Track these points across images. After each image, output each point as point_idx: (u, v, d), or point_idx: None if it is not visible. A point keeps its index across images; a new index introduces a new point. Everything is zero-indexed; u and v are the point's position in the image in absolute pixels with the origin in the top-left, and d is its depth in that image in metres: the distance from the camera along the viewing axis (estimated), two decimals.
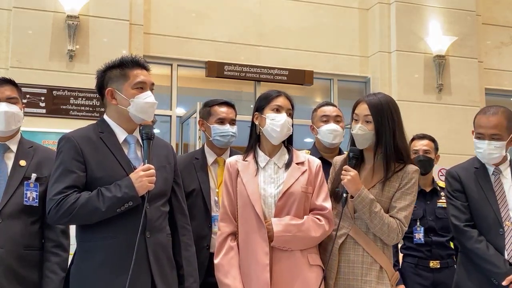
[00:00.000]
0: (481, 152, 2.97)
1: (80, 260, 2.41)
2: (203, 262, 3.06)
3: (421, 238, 3.83)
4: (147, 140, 2.44)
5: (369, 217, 2.58)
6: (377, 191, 2.65)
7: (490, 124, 2.92)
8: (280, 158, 2.76)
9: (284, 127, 2.70)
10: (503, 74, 7.48)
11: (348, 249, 2.65)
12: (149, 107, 2.50)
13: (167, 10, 6.42)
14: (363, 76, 7.06)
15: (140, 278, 2.34)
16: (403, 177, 2.66)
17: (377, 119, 2.66)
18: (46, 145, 3.91)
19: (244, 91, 6.99)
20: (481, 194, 2.96)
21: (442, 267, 3.81)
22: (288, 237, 2.58)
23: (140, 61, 2.55)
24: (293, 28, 6.82)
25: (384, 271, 2.62)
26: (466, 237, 2.92)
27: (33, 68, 5.59)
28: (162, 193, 2.50)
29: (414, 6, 6.90)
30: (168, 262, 2.48)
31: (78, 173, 2.37)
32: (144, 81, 2.51)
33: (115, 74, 2.51)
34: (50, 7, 5.70)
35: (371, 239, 2.63)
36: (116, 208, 2.32)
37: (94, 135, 2.47)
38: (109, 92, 2.50)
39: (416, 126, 6.02)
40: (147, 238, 2.39)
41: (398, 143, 2.67)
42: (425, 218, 3.87)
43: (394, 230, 2.58)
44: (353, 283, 2.60)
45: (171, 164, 2.61)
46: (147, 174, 2.35)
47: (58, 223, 2.49)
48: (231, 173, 2.74)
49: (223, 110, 3.35)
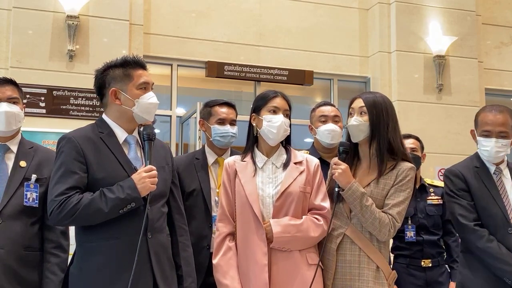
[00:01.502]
0: (487, 150, 2.93)
1: (81, 260, 2.41)
2: (203, 262, 3.07)
3: (413, 236, 3.82)
4: (148, 141, 2.44)
5: (360, 210, 2.57)
6: (372, 188, 2.65)
7: (498, 122, 2.90)
8: (278, 158, 2.76)
9: (280, 129, 2.71)
10: (503, 74, 7.47)
11: (345, 249, 2.64)
12: (153, 108, 2.52)
13: (167, 10, 6.42)
14: (363, 76, 7.06)
15: (142, 278, 2.34)
16: (398, 174, 2.65)
17: (371, 111, 2.68)
18: (46, 145, 3.92)
19: (244, 91, 6.99)
20: (487, 193, 2.92)
21: (433, 266, 3.82)
22: (287, 238, 2.58)
23: (141, 61, 2.55)
24: (293, 28, 6.82)
25: (380, 271, 2.61)
26: (476, 237, 2.86)
27: (33, 68, 5.58)
28: (162, 194, 2.51)
29: (414, 6, 6.90)
30: (168, 263, 2.49)
31: (80, 174, 2.37)
32: (147, 81, 2.52)
33: (118, 74, 2.49)
34: (50, 7, 5.69)
35: (367, 238, 2.63)
36: (118, 209, 2.32)
37: (94, 135, 2.46)
38: (113, 92, 2.48)
39: (416, 126, 6.04)
40: (149, 239, 2.39)
41: (393, 139, 2.68)
42: (416, 215, 3.87)
43: (386, 225, 2.57)
44: (350, 283, 2.60)
45: (169, 164, 2.61)
46: (150, 175, 2.35)
47: (60, 224, 2.49)
48: (229, 174, 2.74)
49: (223, 111, 3.35)
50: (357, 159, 2.79)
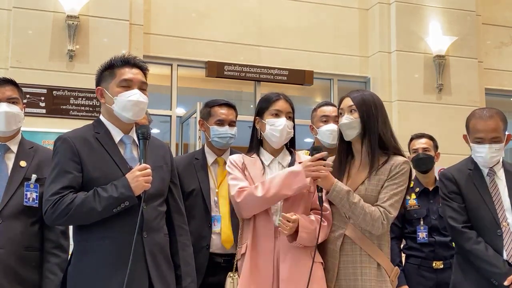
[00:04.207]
0: (482, 157, 2.95)
1: (77, 260, 2.41)
2: (203, 262, 3.06)
3: (425, 237, 3.81)
4: (143, 140, 2.42)
5: (350, 208, 2.57)
6: (366, 186, 2.65)
7: (489, 128, 2.91)
8: (284, 158, 2.81)
9: (283, 132, 2.74)
10: (503, 74, 7.48)
11: (346, 250, 2.64)
12: (133, 105, 2.46)
13: (167, 10, 6.42)
14: (363, 76, 7.06)
15: (137, 278, 2.33)
16: (391, 169, 2.65)
17: (361, 108, 2.70)
18: (46, 145, 3.91)
19: (244, 91, 7.00)
20: (477, 196, 2.96)
21: (445, 268, 3.80)
22: (307, 233, 2.59)
23: (130, 59, 2.53)
24: (293, 28, 6.82)
25: (382, 268, 2.61)
26: (464, 239, 2.92)
27: (33, 68, 5.59)
28: (159, 193, 2.50)
29: (414, 6, 6.90)
30: (166, 262, 2.48)
31: (75, 174, 2.37)
32: (129, 78, 2.48)
33: (106, 74, 2.51)
34: (50, 7, 5.70)
35: (367, 237, 2.63)
36: (112, 208, 2.31)
37: (90, 135, 2.46)
38: (99, 91, 2.51)
39: (416, 126, 6.02)
40: (144, 238, 2.38)
41: (383, 133, 2.68)
42: (429, 217, 3.86)
43: (378, 218, 2.56)
44: (353, 283, 2.60)
45: (168, 164, 2.59)
46: (143, 174, 2.34)
47: (54, 223, 2.49)
48: (238, 165, 2.76)
49: (223, 112, 3.34)
50: (351, 157, 2.80)
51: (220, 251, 3.14)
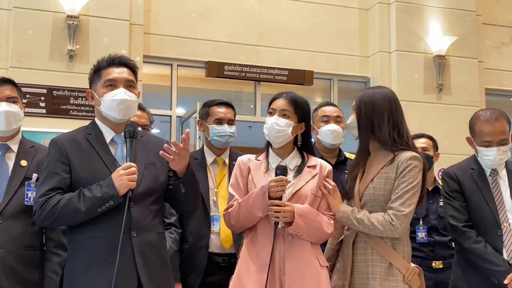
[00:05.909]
0: (490, 160, 2.93)
1: (69, 260, 2.40)
2: (202, 261, 3.07)
3: (424, 237, 3.81)
4: (129, 139, 2.40)
5: (358, 225, 2.58)
6: (374, 185, 2.63)
7: (497, 131, 2.90)
8: (292, 160, 2.72)
9: (271, 130, 2.67)
10: (503, 74, 7.47)
11: (359, 248, 2.63)
12: (118, 105, 2.43)
13: (167, 10, 6.42)
14: (363, 76, 7.06)
15: (125, 278, 2.28)
16: (398, 166, 2.60)
17: (357, 107, 2.70)
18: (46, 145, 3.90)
19: (244, 91, 7.00)
20: (479, 195, 2.96)
21: (444, 267, 3.78)
22: (306, 222, 2.55)
23: (115, 58, 2.51)
24: (293, 28, 6.82)
25: (394, 267, 2.57)
26: (464, 238, 2.92)
27: (33, 68, 5.59)
28: (150, 191, 2.43)
29: (414, 6, 6.90)
30: (160, 263, 2.42)
31: (62, 175, 2.37)
32: (113, 78, 2.47)
33: (94, 76, 2.54)
34: (50, 7, 5.70)
35: (378, 236, 2.59)
36: (96, 208, 2.29)
37: (81, 136, 2.47)
38: (89, 94, 2.53)
39: (416, 126, 6.01)
40: (133, 238, 2.33)
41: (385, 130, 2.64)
42: (428, 217, 3.86)
43: (386, 223, 2.53)
44: (365, 282, 2.58)
45: (164, 161, 2.45)
46: (128, 173, 2.30)
47: (43, 224, 2.49)
48: (242, 170, 2.72)
49: (221, 111, 3.35)
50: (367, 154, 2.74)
51: (219, 250, 3.14)
